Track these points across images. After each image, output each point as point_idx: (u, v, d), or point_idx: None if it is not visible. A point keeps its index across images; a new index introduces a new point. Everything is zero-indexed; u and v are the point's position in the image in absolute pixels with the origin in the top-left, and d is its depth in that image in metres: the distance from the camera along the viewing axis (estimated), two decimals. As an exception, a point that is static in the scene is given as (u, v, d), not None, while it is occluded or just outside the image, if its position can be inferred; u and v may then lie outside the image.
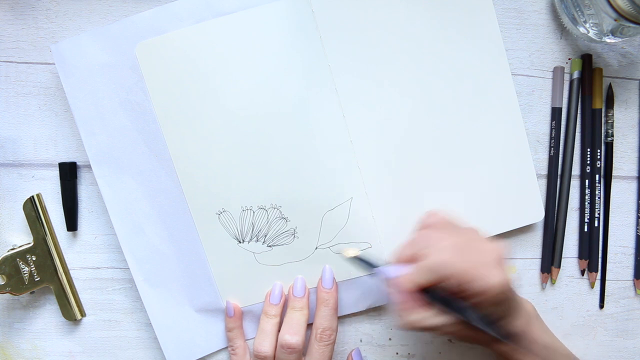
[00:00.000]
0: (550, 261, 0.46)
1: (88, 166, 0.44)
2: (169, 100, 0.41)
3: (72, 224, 0.44)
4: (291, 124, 0.42)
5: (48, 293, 0.45)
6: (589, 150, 0.46)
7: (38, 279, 0.43)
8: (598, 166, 0.46)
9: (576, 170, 0.46)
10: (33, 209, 0.43)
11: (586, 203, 0.46)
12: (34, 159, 0.44)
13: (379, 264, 0.38)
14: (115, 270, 0.45)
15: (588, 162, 0.46)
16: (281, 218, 0.43)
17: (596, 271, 0.47)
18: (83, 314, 0.45)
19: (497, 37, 0.43)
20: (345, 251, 0.40)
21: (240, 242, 0.43)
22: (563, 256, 0.47)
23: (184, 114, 0.41)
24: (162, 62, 0.41)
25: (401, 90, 0.43)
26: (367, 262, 0.39)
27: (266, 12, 0.40)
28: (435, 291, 0.34)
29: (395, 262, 0.37)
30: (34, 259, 0.43)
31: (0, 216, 0.44)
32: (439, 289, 0.34)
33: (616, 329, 0.48)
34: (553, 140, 0.46)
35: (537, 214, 0.45)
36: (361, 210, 0.43)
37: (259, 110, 0.41)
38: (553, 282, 0.47)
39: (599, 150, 0.46)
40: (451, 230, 0.37)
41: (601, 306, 0.47)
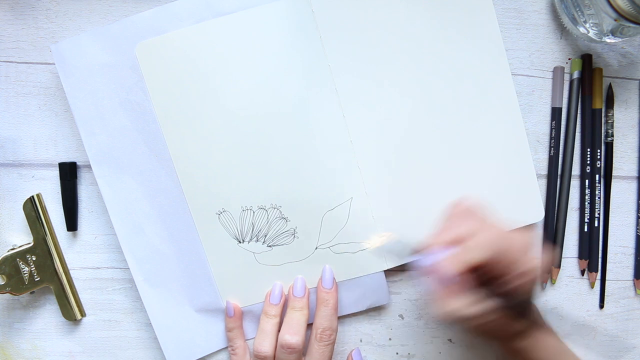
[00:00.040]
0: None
1: (88, 166, 0.44)
2: (169, 100, 0.41)
3: (72, 224, 0.44)
4: (291, 124, 0.42)
5: (48, 293, 0.45)
6: (589, 150, 0.46)
7: (38, 279, 0.43)
8: (598, 166, 0.46)
9: (576, 170, 0.46)
10: (33, 209, 0.43)
11: (586, 203, 0.46)
12: (34, 159, 0.44)
13: (407, 253, 0.36)
14: (115, 270, 0.45)
15: (588, 162, 0.46)
16: (281, 218, 0.43)
17: (596, 271, 0.47)
18: (83, 314, 0.45)
19: (497, 37, 0.43)
20: (368, 242, 0.39)
21: (240, 242, 0.43)
22: (563, 256, 0.47)
23: (184, 114, 0.41)
24: (162, 62, 0.41)
25: (401, 90, 0.43)
26: (395, 252, 0.37)
27: (266, 12, 0.40)
28: (479, 273, 0.33)
29: (434, 248, 0.35)
30: (34, 259, 0.43)
31: (0, 216, 0.44)
32: (482, 273, 0.33)
33: (616, 329, 0.48)
34: (553, 140, 0.46)
35: (537, 214, 0.45)
36: (361, 210, 0.43)
37: (259, 110, 0.41)
38: (553, 282, 0.47)
39: (599, 150, 0.46)
40: (481, 217, 0.37)
41: (601, 306, 0.47)
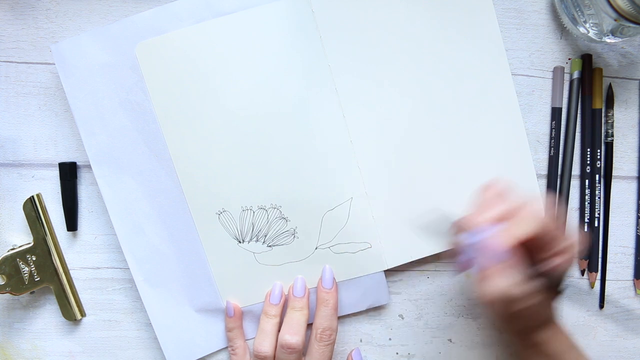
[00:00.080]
0: (550, 261, 0.46)
1: (88, 166, 0.44)
2: (169, 100, 0.41)
3: (72, 224, 0.44)
4: (291, 124, 0.41)
5: (48, 293, 0.45)
6: (589, 150, 0.46)
7: (38, 279, 0.43)
8: (598, 166, 0.46)
9: (576, 170, 0.46)
10: (33, 209, 0.43)
11: (586, 203, 0.46)
12: (34, 159, 0.44)
13: (453, 232, 0.36)
14: (115, 270, 0.45)
15: (588, 162, 0.46)
16: (281, 218, 0.43)
17: (596, 271, 0.47)
18: (83, 314, 0.45)
19: (497, 37, 0.43)
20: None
21: (240, 242, 0.43)
22: (563, 256, 0.47)
23: (184, 114, 0.41)
24: (162, 62, 0.41)
25: (401, 90, 0.43)
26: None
27: (266, 12, 0.40)
28: (524, 251, 0.33)
29: (481, 225, 0.34)
30: (34, 259, 0.43)
31: (0, 216, 0.44)
32: (526, 250, 0.33)
33: (616, 329, 0.48)
34: (553, 140, 0.46)
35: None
36: (361, 210, 0.43)
37: (259, 110, 0.41)
38: (553, 282, 0.47)
39: (599, 150, 0.46)
40: (517, 195, 0.36)
41: (601, 306, 0.47)
